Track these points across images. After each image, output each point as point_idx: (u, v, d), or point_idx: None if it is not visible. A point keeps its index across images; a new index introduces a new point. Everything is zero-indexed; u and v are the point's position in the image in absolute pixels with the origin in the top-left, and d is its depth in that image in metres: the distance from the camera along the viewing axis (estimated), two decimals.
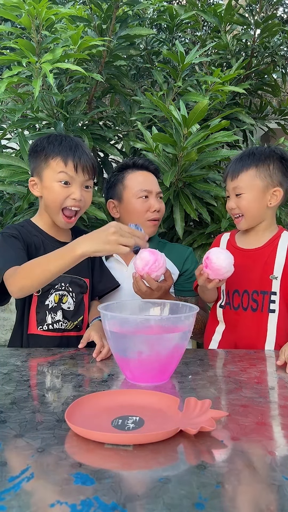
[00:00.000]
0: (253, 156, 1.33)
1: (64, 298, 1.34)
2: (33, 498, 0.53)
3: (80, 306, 1.37)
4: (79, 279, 1.37)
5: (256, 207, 1.33)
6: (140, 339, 0.93)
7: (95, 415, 0.75)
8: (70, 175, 1.27)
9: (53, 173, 1.27)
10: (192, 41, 2.54)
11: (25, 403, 0.82)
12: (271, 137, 2.78)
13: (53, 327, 1.32)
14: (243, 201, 1.32)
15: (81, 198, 1.29)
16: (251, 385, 0.93)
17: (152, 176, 1.58)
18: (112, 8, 1.85)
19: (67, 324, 1.34)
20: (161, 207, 1.56)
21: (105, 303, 1.06)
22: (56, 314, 1.32)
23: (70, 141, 1.31)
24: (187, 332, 0.95)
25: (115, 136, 2.20)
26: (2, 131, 2.02)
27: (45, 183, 1.29)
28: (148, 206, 1.52)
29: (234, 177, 1.33)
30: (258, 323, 1.33)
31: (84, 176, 1.29)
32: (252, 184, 1.31)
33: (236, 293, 1.36)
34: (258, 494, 0.55)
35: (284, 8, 3.36)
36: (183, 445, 0.67)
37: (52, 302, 1.32)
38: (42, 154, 1.29)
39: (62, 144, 1.28)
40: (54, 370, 1.02)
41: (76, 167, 1.27)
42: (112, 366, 1.06)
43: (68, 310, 1.34)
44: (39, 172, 1.31)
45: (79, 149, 1.29)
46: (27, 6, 1.51)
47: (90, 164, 1.30)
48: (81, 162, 1.27)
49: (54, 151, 1.27)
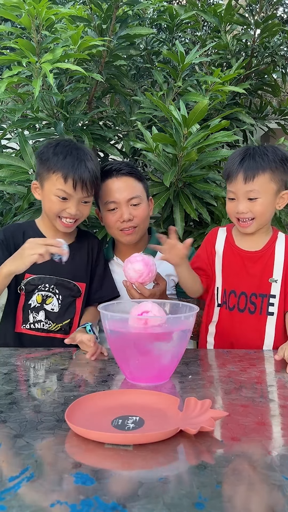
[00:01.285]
0: (267, 158, 1.25)
1: (48, 299, 1.35)
2: (33, 498, 0.53)
3: (68, 309, 1.37)
4: (68, 282, 1.38)
5: (270, 211, 1.29)
6: (140, 339, 0.93)
7: (95, 415, 0.75)
8: (68, 192, 1.28)
9: (52, 186, 1.29)
10: (192, 41, 2.54)
11: (25, 403, 0.82)
12: (271, 137, 2.78)
13: (35, 327, 1.34)
14: (258, 206, 1.25)
15: (76, 213, 1.31)
16: (251, 385, 0.93)
17: (123, 182, 1.45)
18: (112, 8, 1.85)
19: (50, 325, 1.35)
20: (135, 213, 1.44)
21: (105, 303, 1.06)
22: (38, 314, 1.34)
23: (76, 155, 1.30)
24: (187, 332, 0.95)
25: (115, 136, 2.20)
26: (2, 131, 2.02)
27: (45, 192, 1.32)
28: (118, 217, 1.44)
29: (248, 180, 1.24)
30: (255, 325, 1.33)
31: (82, 193, 1.30)
32: (268, 188, 1.25)
33: (232, 293, 1.35)
34: (258, 494, 0.55)
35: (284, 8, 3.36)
36: (183, 445, 0.67)
37: (35, 302, 1.34)
38: (46, 164, 1.30)
39: (66, 159, 1.28)
40: (54, 370, 1.02)
41: (75, 186, 1.28)
42: (112, 366, 1.06)
43: (52, 312, 1.35)
44: (41, 180, 1.33)
45: (82, 166, 1.29)
46: (27, 6, 1.51)
47: (90, 182, 1.30)
48: (80, 181, 1.28)
49: (56, 166, 1.28)
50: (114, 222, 1.45)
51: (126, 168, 1.47)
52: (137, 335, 0.95)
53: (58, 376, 0.98)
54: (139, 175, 1.50)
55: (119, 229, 1.45)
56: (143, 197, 1.48)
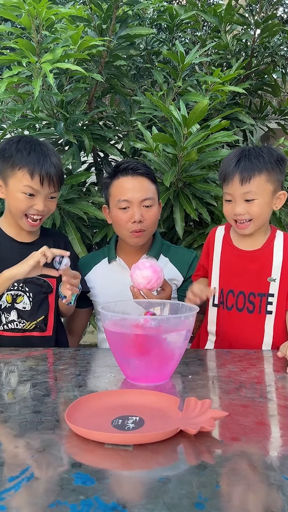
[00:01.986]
0: (263, 159, 1.25)
1: (19, 298, 1.34)
2: (33, 498, 0.53)
3: (41, 306, 1.37)
4: (37, 278, 1.35)
5: (267, 212, 1.29)
6: (140, 339, 0.93)
7: (95, 415, 0.75)
8: (35, 188, 1.27)
9: (18, 183, 1.27)
10: (192, 41, 2.54)
11: (25, 403, 0.82)
12: (271, 137, 2.78)
13: (8, 327, 1.33)
14: (256, 207, 1.25)
15: (44, 209, 1.30)
16: (251, 385, 0.93)
17: (137, 182, 1.44)
18: (112, 8, 1.85)
19: (24, 324, 1.34)
20: (146, 215, 1.43)
21: (105, 303, 1.06)
22: (10, 314, 1.33)
23: (39, 151, 1.29)
24: (187, 332, 0.95)
25: (115, 136, 2.20)
26: (2, 131, 2.02)
27: (10, 190, 1.30)
28: (129, 217, 1.42)
29: (245, 182, 1.24)
30: (254, 324, 1.33)
31: (49, 189, 1.29)
32: (265, 189, 1.25)
33: (230, 293, 1.35)
34: (258, 494, 0.55)
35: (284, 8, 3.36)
36: (183, 445, 0.67)
37: (5, 302, 1.33)
38: (9, 161, 1.27)
39: (30, 154, 1.27)
40: (54, 370, 1.02)
41: (42, 181, 1.27)
42: (112, 366, 1.06)
43: (23, 310, 1.34)
44: (4, 177, 1.30)
45: (47, 161, 1.28)
46: (27, 6, 1.51)
47: (56, 177, 1.30)
48: (47, 176, 1.27)
49: (21, 162, 1.26)
50: (125, 222, 1.43)
51: (142, 168, 1.47)
52: (137, 335, 0.95)
53: (58, 376, 0.98)
54: (153, 177, 1.50)
55: (129, 230, 1.43)
56: (155, 200, 1.48)
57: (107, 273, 1.52)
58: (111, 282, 1.50)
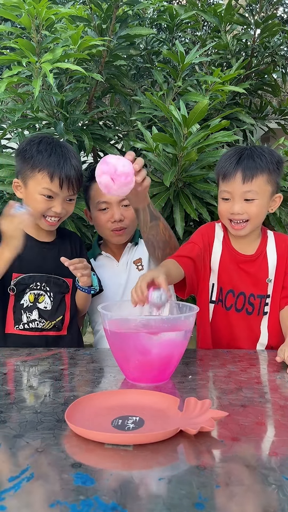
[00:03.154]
0: (265, 159, 1.23)
1: (41, 297, 1.34)
2: (33, 498, 0.53)
3: (59, 306, 1.37)
4: (57, 278, 1.37)
5: (263, 214, 1.28)
6: (140, 339, 0.93)
7: (95, 415, 0.75)
8: (54, 191, 1.28)
9: (37, 185, 1.27)
10: (192, 41, 2.54)
11: (25, 403, 0.82)
12: (271, 137, 2.78)
13: (29, 327, 1.33)
14: (254, 207, 1.24)
15: (62, 211, 1.31)
16: (251, 385, 0.93)
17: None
18: (112, 8, 1.85)
19: (44, 323, 1.35)
20: (126, 214, 1.48)
21: (105, 303, 1.06)
22: (32, 313, 1.33)
23: (60, 153, 1.28)
24: (187, 332, 0.95)
25: (115, 136, 2.20)
26: (2, 131, 2.02)
27: (29, 191, 1.30)
28: (109, 217, 1.47)
29: (247, 180, 1.21)
30: (252, 325, 1.33)
31: (68, 192, 1.30)
32: (265, 190, 1.24)
33: (230, 293, 1.35)
34: (258, 494, 0.55)
35: (284, 8, 3.36)
36: (183, 445, 0.67)
37: (27, 301, 1.33)
38: (30, 162, 1.27)
39: (51, 157, 1.27)
40: (54, 370, 1.02)
41: (61, 184, 1.27)
42: (112, 366, 1.06)
43: (45, 310, 1.35)
44: (24, 178, 1.30)
45: (68, 164, 1.28)
46: (27, 6, 1.51)
47: (76, 180, 1.30)
48: (67, 179, 1.27)
49: (42, 164, 1.26)
50: (105, 222, 1.49)
51: None
52: (137, 335, 0.95)
53: (58, 376, 0.98)
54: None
55: (110, 229, 1.49)
56: None
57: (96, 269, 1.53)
58: (101, 276, 1.52)
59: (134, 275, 1.51)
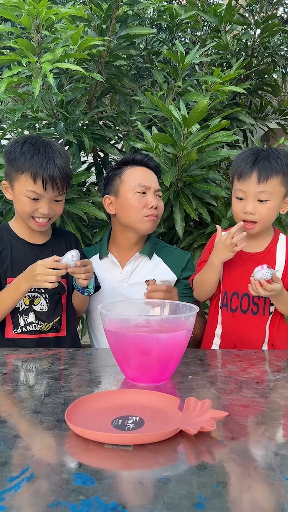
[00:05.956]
0: (281, 161, 1.25)
1: (36, 300, 1.34)
2: (33, 498, 0.53)
3: (56, 307, 1.36)
4: None
5: (274, 215, 1.29)
6: (140, 339, 0.93)
7: (95, 415, 0.75)
8: (38, 193, 1.25)
9: (22, 187, 1.26)
10: (192, 41, 2.54)
11: (25, 403, 0.82)
12: (271, 137, 2.78)
13: (26, 329, 1.32)
14: (266, 209, 1.26)
15: (49, 212, 1.29)
16: (251, 385, 0.93)
17: (151, 173, 1.52)
18: (112, 8, 1.85)
19: (42, 325, 1.34)
20: (159, 205, 1.50)
21: (105, 303, 1.05)
22: (28, 316, 1.33)
23: (44, 153, 1.26)
24: (187, 332, 0.95)
25: (115, 136, 2.20)
26: (2, 131, 2.02)
27: (15, 193, 1.29)
28: (145, 202, 1.46)
29: (262, 181, 1.24)
30: (257, 325, 1.34)
31: (53, 192, 1.27)
32: (278, 191, 1.26)
33: (235, 295, 1.36)
34: (258, 494, 0.55)
35: (284, 8, 3.36)
36: (183, 445, 0.67)
37: (23, 304, 1.32)
38: (14, 164, 1.26)
39: (34, 158, 1.24)
40: (54, 370, 1.02)
41: (45, 185, 1.25)
42: (112, 366, 1.06)
43: (41, 312, 1.34)
44: (11, 180, 1.29)
45: (51, 165, 1.25)
46: (27, 6, 1.51)
47: (61, 180, 1.27)
48: (50, 180, 1.25)
49: (24, 165, 1.24)
50: (141, 207, 1.47)
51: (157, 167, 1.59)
52: (137, 335, 0.95)
53: (58, 376, 0.98)
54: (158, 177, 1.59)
55: (144, 215, 1.46)
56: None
57: (98, 270, 1.51)
58: (102, 279, 1.50)
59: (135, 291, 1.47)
